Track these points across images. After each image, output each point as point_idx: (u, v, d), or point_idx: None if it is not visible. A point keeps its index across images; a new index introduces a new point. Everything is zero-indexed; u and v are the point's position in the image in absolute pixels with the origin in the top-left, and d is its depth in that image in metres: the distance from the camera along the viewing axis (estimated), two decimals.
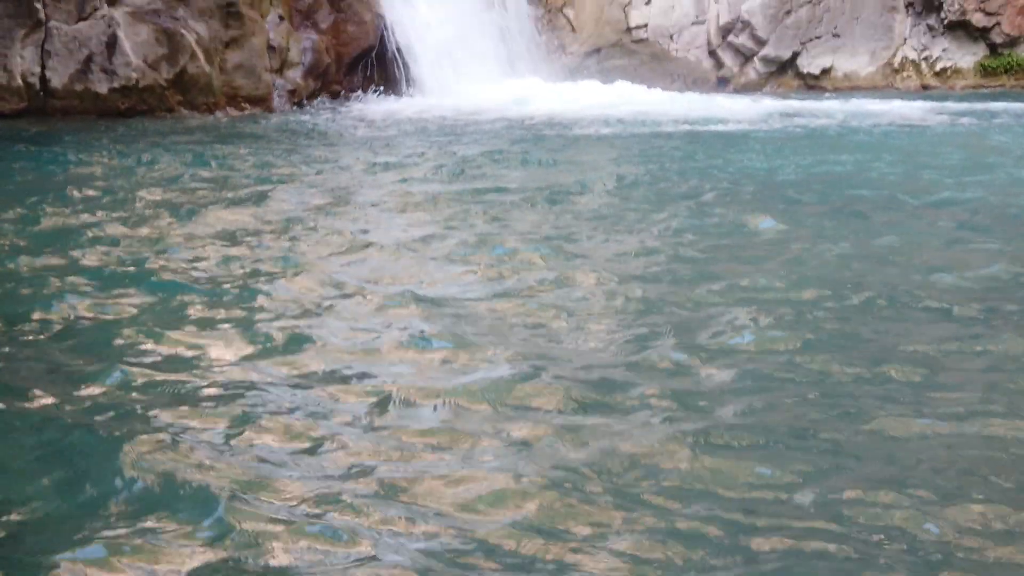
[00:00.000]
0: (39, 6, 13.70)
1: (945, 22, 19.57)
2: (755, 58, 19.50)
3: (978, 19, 19.45)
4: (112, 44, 13.92)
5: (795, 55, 19.62)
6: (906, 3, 19.83)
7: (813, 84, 19.61)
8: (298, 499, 3.20)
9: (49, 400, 3.97)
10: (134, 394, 4.04)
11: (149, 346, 4.61)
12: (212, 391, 4.11)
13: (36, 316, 5.03)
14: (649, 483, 3.38)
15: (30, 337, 4.77)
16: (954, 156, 10.94)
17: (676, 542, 3.00)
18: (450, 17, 16.89)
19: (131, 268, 5.94)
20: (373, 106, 15.36)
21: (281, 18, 15.94)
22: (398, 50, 16.26)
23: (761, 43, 19.43)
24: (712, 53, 19.63)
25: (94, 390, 4.08)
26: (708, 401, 4.07)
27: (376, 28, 16.31)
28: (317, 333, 4.82)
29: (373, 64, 16.38)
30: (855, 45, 19.73)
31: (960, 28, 19.61)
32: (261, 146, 11.45)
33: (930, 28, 19.75)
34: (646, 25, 19.40)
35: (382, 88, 16.24)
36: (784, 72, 19.68)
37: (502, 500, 3.23)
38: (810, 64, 19.66)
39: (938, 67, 19.81)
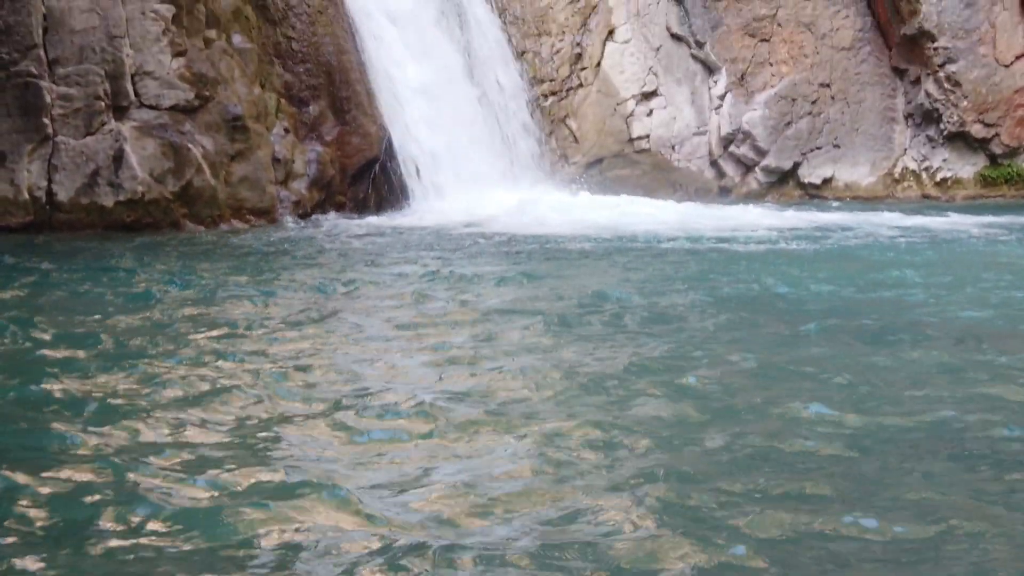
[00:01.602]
0: (47, 121, 13.87)
1: (945, 133, 19.77)
2: (756, 168, 19.68)
3: (977, 130, 19.65)
4: (119, 158, 14.06)
5: (796, 165, 19.79)
6: (906, 114, 20.06)
7: (814, 194, 19.75)
8: None
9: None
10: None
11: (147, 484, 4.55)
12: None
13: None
14: None
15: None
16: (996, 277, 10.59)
17: None
18: (454, 130, 17.11)
19: (120, 397, 5.90)
20: (376, 218, 15.46)
21: (286, 131, 16.13)
22: (402, 162, 16.43)
23: (762, 153, 19.61)
24: (714, 163, 19.81)
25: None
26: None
27: (380, 140, 16.49)
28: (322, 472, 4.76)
29: (377, 175, 16.52)
30: (856, 155, 19.93)
31: (960, 139, 19.80)
32: (264, 263, 11.48)
33: (930, 139, 19.94)
34: (648, 136, 19.62)
35: (385, 199, 16.36)
36: (786, 182, 19.84)
37: None
38: (811, 174, 19.83)
39: (938, 177, 19.95)
